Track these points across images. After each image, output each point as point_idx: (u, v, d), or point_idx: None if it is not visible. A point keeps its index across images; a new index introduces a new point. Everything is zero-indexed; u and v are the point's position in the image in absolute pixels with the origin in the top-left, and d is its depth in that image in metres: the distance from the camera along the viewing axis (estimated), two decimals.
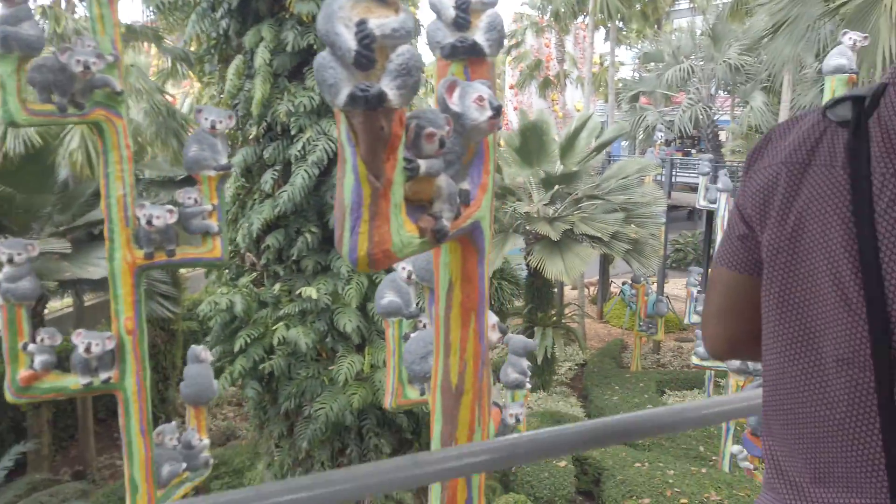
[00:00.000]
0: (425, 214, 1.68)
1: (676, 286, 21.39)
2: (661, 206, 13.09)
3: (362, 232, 1.48)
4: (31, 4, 3.95)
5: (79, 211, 9.46)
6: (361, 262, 1.51)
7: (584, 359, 16.29)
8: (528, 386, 4.78)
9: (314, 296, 7.12)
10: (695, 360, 10.60)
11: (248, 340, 7.44)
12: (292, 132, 7.05)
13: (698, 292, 12.58)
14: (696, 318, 12.07)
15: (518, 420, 4.48)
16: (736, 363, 5.29)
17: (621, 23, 21.78)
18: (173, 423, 4.64)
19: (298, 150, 6.99)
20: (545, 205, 12.36)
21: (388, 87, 1.41)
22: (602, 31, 22.12)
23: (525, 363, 4.74)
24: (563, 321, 18.95)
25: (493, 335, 2.55)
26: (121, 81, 3.74)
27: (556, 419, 11.82)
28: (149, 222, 3.73)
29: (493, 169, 2.06)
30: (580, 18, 22.32)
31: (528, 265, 12.52)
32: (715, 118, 17.14)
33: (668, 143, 37.38)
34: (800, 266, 0.94)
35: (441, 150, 1.61)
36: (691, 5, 19.73)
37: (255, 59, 6.92)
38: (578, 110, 29.99)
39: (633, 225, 12.19)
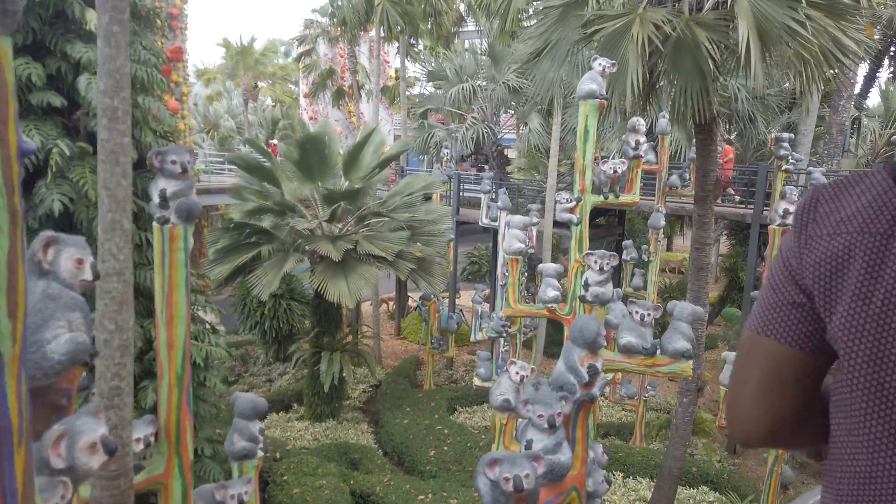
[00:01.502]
0: None
1: (471, 298, 21.91)
2: (447, 223, 13.01)
3: None
4: None
5: None
6: None
7: (378, 379, 15.80)
8: (261, 454, 3.98)
9: None
10: (476, 381, 10.60)
11: None
12: None
13: (482, 310, 12.75)
14: (479, 336, 12.19)
15: (242, 501, 3.66)
16: (499, 399, 4.97)
17: (412, 38, 21.90)
18: None
19: None
20: (327, 222, 11.63)
21: None
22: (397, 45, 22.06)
23: (257, 427, 3.93)
24: (356, 342, 18.34)
25: (93, 459, 1.74)
26: None
27: (344, 450, 11.10)
28: None
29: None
30: (374, 32, 22.08)
31: (312, 286, 11.69)
32: (500, 137, 17.73)
33: (464, 158, 38.81)
34: (893, 349, 0.85)
35: None
36: (477, 27, 20.36)
37: None
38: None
39: (419, 243, 11.91)
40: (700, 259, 8.88)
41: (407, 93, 21.85)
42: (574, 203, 6.17)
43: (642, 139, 6.68)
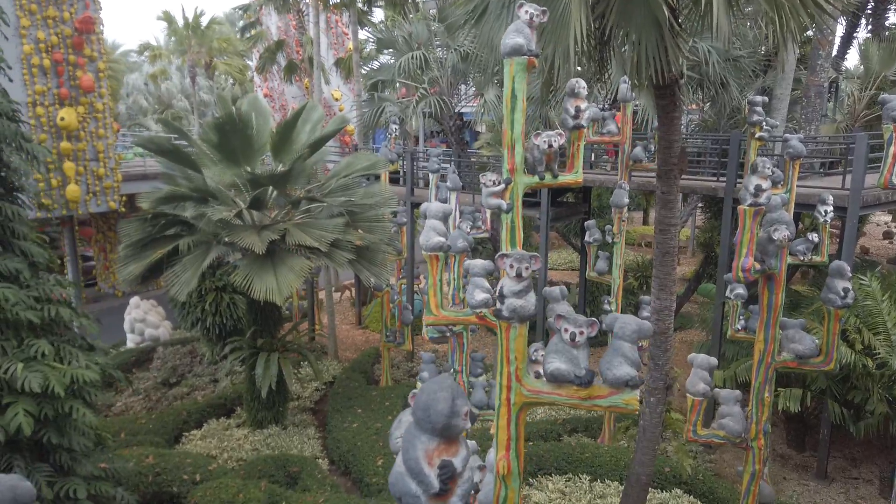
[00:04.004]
0: None
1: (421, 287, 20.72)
2: (393, 206, 11.81)
3: None
4: None
5: None
6: None
7: (333, 376, 14.69)
8: None
9: None
10: (420, 385, 9.52)
11: None
12: None
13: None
14: (434, 333, 11.09)
15: None
16: (397, 444, 3.86)
17: (365, 5, 20.44)
18: None
19: None
20: (254, 210, 10.37)
21: None
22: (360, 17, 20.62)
23: None
24: (313, 336, 17.12)
25: None
26: None
27: (282, 463, 9.98)
28: None
29: None
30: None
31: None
32: (458, 110, 16.43)
33: (433, 135, 37.25)
34: None
35: None
36: None
37: None
38: (337, 98, 28.29)
39: (359, 230, 10.73)
40: (665, 242, 7.79)
41: (365, 67, 20.43)
42: (503, 185, 5.03)
43: (583, 105, 5.53)
